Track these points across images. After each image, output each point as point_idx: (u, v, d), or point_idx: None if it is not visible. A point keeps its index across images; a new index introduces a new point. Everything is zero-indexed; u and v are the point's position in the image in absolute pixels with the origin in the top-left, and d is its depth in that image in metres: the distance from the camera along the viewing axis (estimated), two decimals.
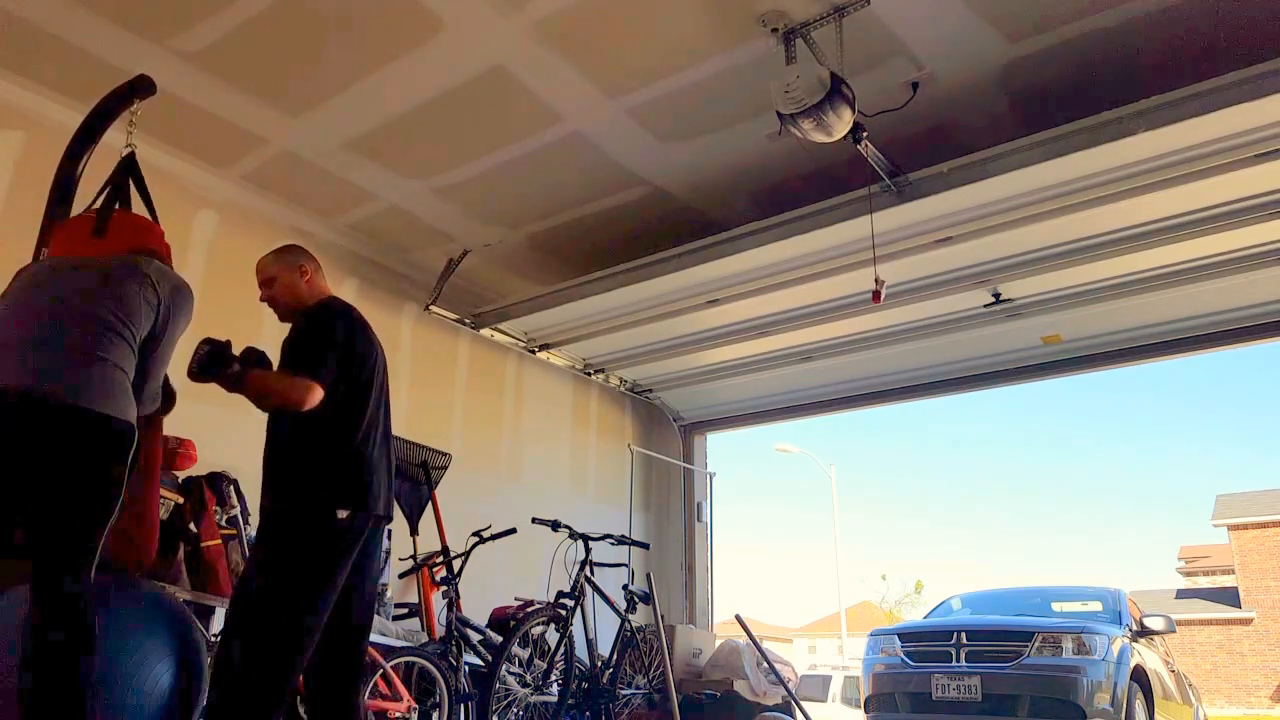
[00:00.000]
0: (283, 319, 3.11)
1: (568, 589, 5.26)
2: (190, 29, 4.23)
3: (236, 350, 2.87)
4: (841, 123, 3.97)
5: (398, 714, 4.35)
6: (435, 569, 5.39)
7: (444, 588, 4.97)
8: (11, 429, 2.43)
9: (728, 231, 5.51)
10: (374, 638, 4.51)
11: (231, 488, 4.58)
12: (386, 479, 3.01)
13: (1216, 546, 27.39)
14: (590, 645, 5.44)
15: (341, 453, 2.87)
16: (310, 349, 2.85)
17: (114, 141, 3.37)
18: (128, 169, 3.27)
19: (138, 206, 3.27)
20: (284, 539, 2.77)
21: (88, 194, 3.20)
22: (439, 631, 5.27)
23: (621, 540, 5.78)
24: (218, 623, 3.98)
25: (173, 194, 5.22)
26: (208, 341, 2.94)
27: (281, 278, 3.08)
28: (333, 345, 2.88)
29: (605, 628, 5.66)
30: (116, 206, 3.15)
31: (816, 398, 8.33)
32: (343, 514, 2.80)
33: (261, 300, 3.15)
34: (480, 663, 4.95)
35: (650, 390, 8.51)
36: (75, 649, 2.34)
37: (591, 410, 8.31)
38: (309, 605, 2.73)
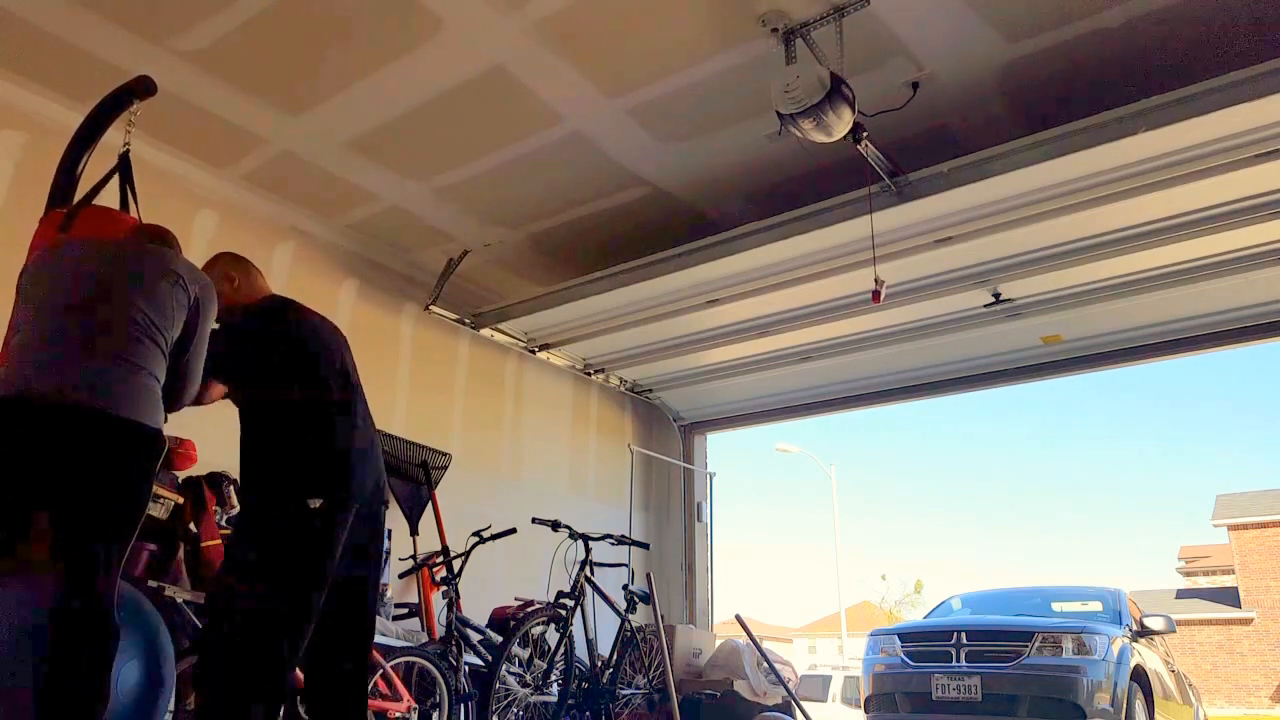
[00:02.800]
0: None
1: (568, 589, 5.26)
2: (190, 29, 4.23)
3: None
4: (841, 123, 3.97)
5: (398, 714, 4.35)
6: (435, 569, 5.39)
7: (444, 588, 4.97)
8: (42, 435, 2.41)
9: (727, 231, 5.51)
10: (374, 638, 4.51)
11: (231, 488, 4.58)
12: (366, 465, 3.00)
13: (1216, 546, 27.41)
14: (590, 645, 5.43)
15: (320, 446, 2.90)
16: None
17: (114, 141, 3.37)
18: (119, 168, 3.27)
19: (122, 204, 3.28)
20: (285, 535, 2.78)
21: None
22: (439, 631, 5.27)
23: (621, 540, 5.78)
24: None
25: (173, 194, 5.24)
26: None
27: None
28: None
29: (605, 628, 5.65)
30: (108, 204, 3.15)
31: (816, 398, 8.33)
32: (315, 503, 2.81)
33: None
34: (480, 663, 4.95)
35: (650, 390, 8.51)
36: (98, 649, 2.37)
37: (591, 410, 8.31)
38: (306, 595, 2.77)
